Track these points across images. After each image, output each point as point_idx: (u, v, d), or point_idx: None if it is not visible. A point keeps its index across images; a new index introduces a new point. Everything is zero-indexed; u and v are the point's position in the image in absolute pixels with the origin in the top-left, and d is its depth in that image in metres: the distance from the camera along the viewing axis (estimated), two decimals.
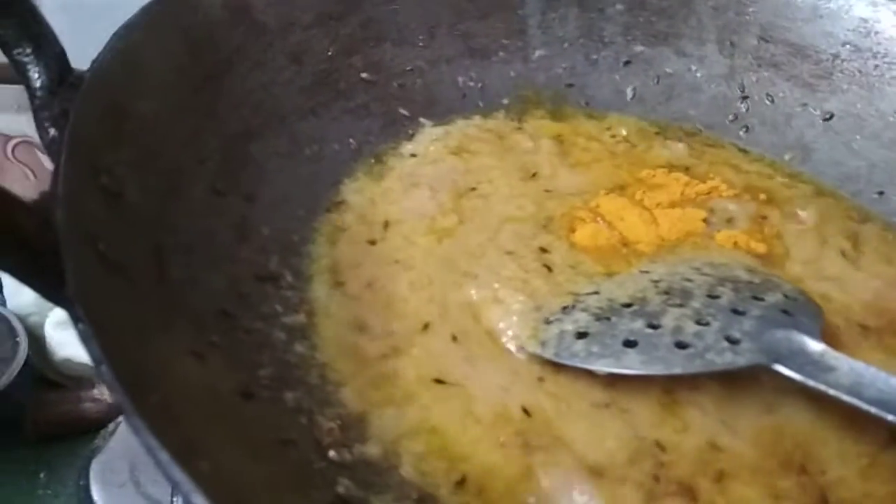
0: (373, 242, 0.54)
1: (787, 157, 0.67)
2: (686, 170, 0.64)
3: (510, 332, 0.49)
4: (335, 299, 0.50)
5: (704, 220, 0.59)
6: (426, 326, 0.49)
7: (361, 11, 0.64)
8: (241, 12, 0.56)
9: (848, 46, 0.67)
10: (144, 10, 0.50)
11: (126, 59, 0.47)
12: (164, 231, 0.43)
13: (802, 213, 0.61)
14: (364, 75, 0.64)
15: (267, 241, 0.50)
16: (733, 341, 0.45)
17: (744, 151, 0.68)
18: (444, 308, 0.51)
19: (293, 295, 0.49)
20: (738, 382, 0.46)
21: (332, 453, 0.40)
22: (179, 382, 0.35)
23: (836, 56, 0.68)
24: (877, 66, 0.66)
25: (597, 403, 0.45)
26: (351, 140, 0.61)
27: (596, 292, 0.51)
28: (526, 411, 0.45)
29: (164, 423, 0.29)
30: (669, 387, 0.46)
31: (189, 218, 0.46)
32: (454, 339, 0.49)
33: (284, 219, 0.53)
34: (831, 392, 0.42)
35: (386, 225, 0.56)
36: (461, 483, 0.42)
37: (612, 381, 0.46)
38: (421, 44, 0.67)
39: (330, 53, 0.62)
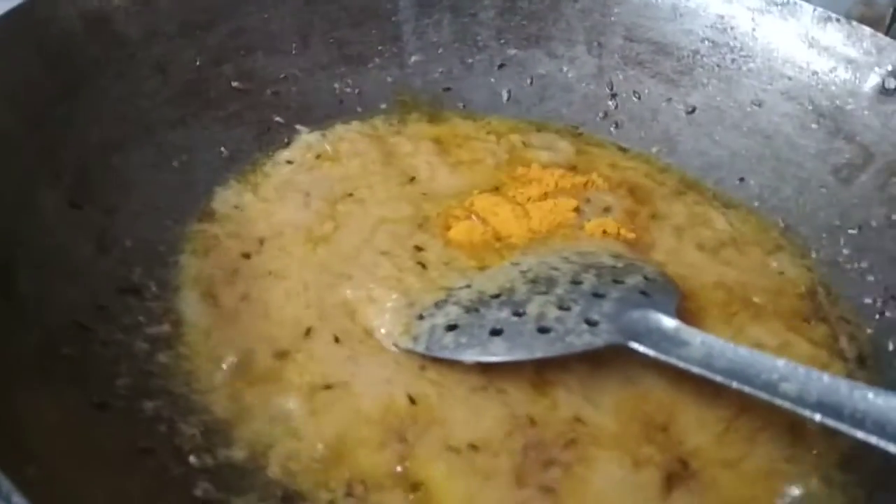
0: (247, 256, 0.54)
1: (654, 150, 0.70)
2: (569, 168, 0.66)
3: (384, 330, 0.50)
4: (207, 313, 0.50)
5: (576, 210, 0.61)
6: (308, 331, 0.49)
7: (230, 20, 0.64)
8: (99, 23, 0.55)
9: (707, 42, 0.71)
10: None
11: None
12: (12, 246, 0.42)
13: (668, 207, 0.63)
14: (235, 84, 0.63)
15: (130, 253, 0.49)
16: (592, 323, 0.47)
17: (623, 150, 0.70)
18: (322, 311, 0.51)
19: (157, 306, 0.48)
20: (601, 361, 0.48)
21: (192, 458, 0.40)
22: (20, 393, 0.34)
23: (696, 52, 0.71)
24: (734, 59, 0.70)
25: (475, 387, 0.47)
26: (223, 149, 0.60)
27: (468, 286, 0.52)
28: (412, 399, 0.46)
29: None
30: (540, 368, 0.48)
31: (42, 232, 0.45)
32: (336, 340, 0.49)
33: (150, 230, 0.52)
34: (683, 365, 0.44)
35: (261, 241, 0.55)
36: (333, 479, 0.42)
37: (489, 365, 0.47)
38: (294, 52, 0.67)
39: (198, 63, 0.61)
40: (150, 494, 0.36)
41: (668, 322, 0.47)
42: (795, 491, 0.45)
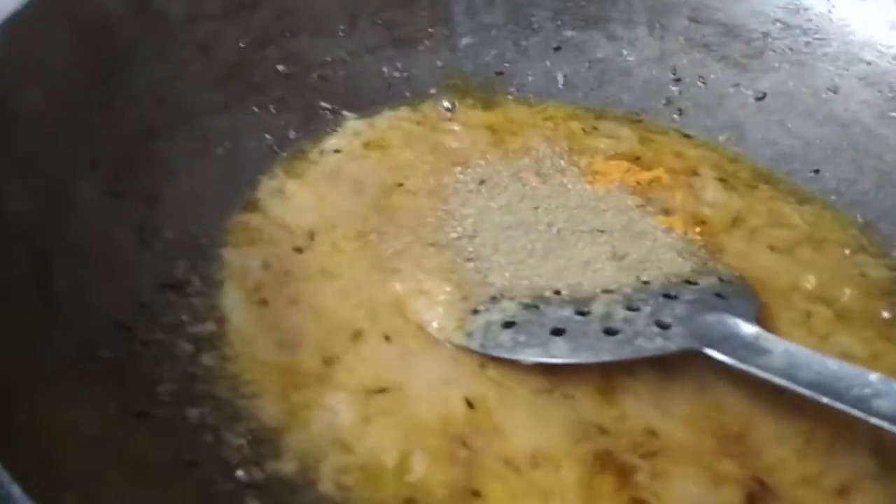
0: (299, 251, 0.51)
1: (721, 138, 0.66)
2: (634, 159, 0.62)
3: (436, 324, 0.47)
4: (252, 312, 0.47)
5: (640, 207, 0.57)
6: (357, 334, 0.46)
7: (275, 1, 0.61)
8: (139, 2, 0.53)
9: (778, 24, 0.66)
10: (33, 1, 0.46)
11: (10, 54, 0.44)
12: (49, 237, 0.40)
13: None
14: (280, 68, 0.60)
15: (172, 246, 0.47)
16: (664, 326, 0.44)
17: (687, 137, 0.66)
18: (372, 310, 0.48)
19: (201, 303, 0.45)
20: (672, 367, 0.45)
21: (239, 472, 0.37)
22: (56, 402, 0.32)
23: (766, 34, 0.67)
24: (807, 42, 0.65)
25: (539, 390, 0.44)
26: (267, 136, 0.57)
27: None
28: (469, 403, 0.43)
29: (26, 448, 0.26)
30: (607, 372, 0.45)
31: (79, 223, 0.42)
32: (387, 338, 0.46)
33: (192, 221, 0.49)
34: (764, 375, 0.41)
35: (312, 234, 0.52)
36: (388, 495, 0.39)
37: (552, 367, 0.44)
38: (341, 34, 0.64)
39: (242, 45, 0.59)
40: None
41: (747, 328, 0.44)
42: None
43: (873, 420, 0.38)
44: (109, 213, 0.45)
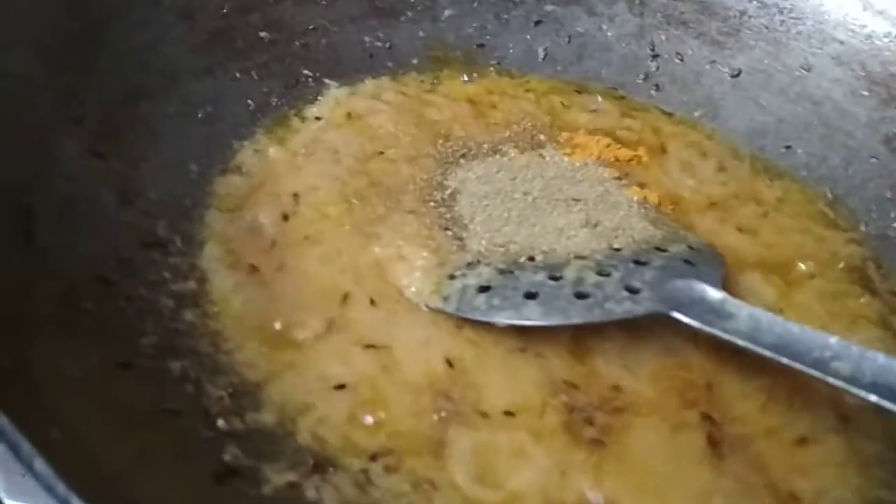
0: (285, 217, 0.52)
1: (696, 114, 0.67)
2: (611, 134, 0.63)
3: (413, 289, 0.48)
4: (235, 274, 0.48)
5: (616, 179, 0.58)
6: (345, 297, 0.47)
7: None
8: None
9: (755, 2, 0.68)
10: None
11: None
12: (32, 193, 0.40)
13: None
14: (263, 34, 0.61)
15: (154, 206, 0.48)
16: (633, 291, 0.46)
17: (667, 114, 0.67)
18: (357, 275, 0.49)
19: (183, 261, 0.46)
20: (641, 330, 0.47)
21: (220, 422, 0.38)
22: (41, 348, 0.33)
23: (743, 12, 0.68)
24: (783, 21, 0.67)
25: (512, 349, 0.46)
26: (250, 101, 0.58)
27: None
28: (449, 363, 0.44)
29: (13, 386, 0.27)
30: (578, 335, 0.46)
31: (63, 180, 0.43)
32: (373, 302, 0.47)
33: (175, 182, 0.50)
34: (728, 338, 0.43)
35: (296, 198, 0.53)
36: (365, 446, 0.40)
37: (526, 329, 0.46)
38: (324, 2, 0.65)
39: (225, 11, 0.59)
40: (179, 457, 0.34)
41: (714, 293, 0.45)
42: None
43: (830, 380, 0.40)
44: (92, 172, 0.45)
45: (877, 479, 0.43)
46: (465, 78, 0.67)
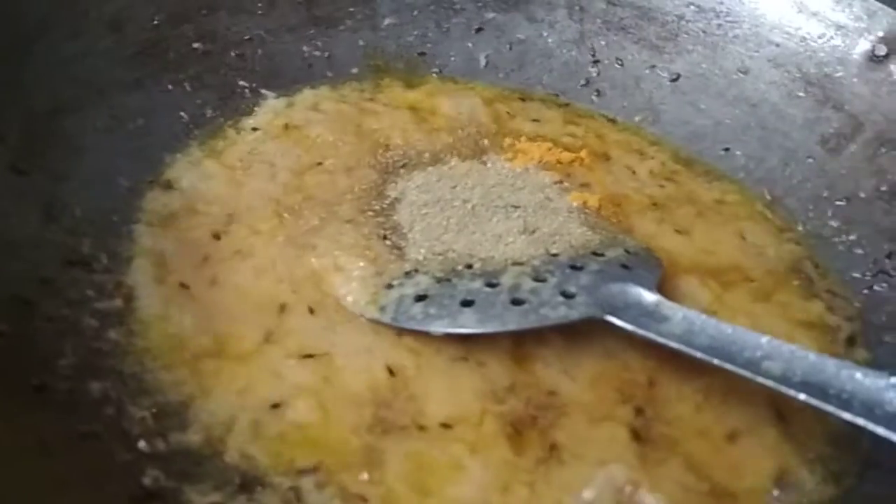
0: (217, 237, 0.50)
1: (637, 118, 0.67)
2: (555, 141, 0.63)
3: (350, 298, 0.47)
4: (172, 297, 0.46)
5: (558, 183, 0.58)
6: (282, 307, 0.47)
7: None
8: None
9: (692, 7, 0.68)
10: None
11: None
12: None
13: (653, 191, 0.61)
14: (196, 45, 0.60)
15: (79, 223, 0.46)
16: (569, 296, 0.45)
17: (612, 121, 0.67)
18: (294, 285, 0.48)
19: (108, 279, 0.45)
20: (580, 335, 0.46)
21: (141, 443, 0.37)
22: None
23: (680, 17, 0.68)
24: (720, 25, 0.67)
25: (454, 357, 0.45)
26: (183, 114, 0.57)
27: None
28: (391, 371, 0.44)
29: None
30: (519, 341, 0.46)
31: None
32: (311, 311, 0.47)
33: (102, 198, 0.49)
34: (662, 340, 0.43)
35: (230, 218, 0.52)
36: (296, 463, 0.39)
37: (466, 336, 0.45)
38: (260, 12, 0.64)
39: (156, 22, 0.58)
40: (91, 483, 0.33)
41: (649, 296, 0.45)
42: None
43: (761, 380, 0.40)
44: (13, 188, 0.44)
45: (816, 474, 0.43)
46: (406, 86, 0.67)
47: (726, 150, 0.64)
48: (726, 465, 0.43)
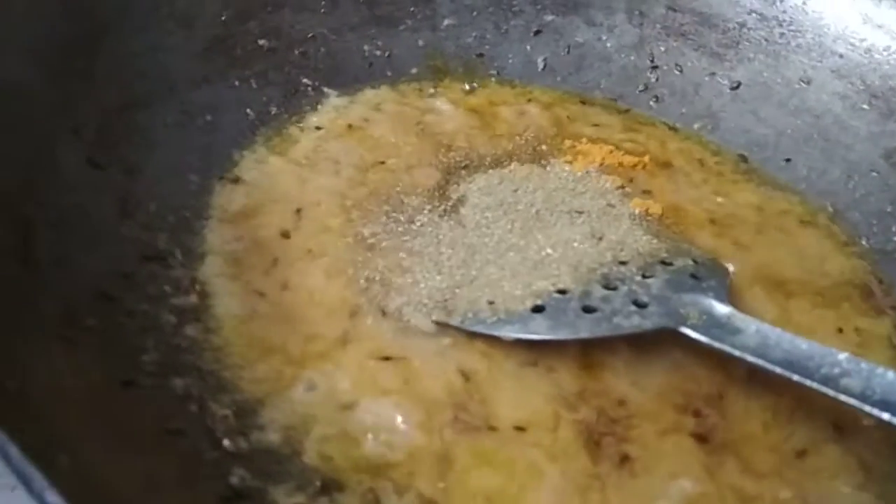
0: (286, 235, 0.50)
1: (696, 126, 0.67)
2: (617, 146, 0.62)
3: (417, 301, 0.47)
4: (237, 288, 0.46)
5: (620, 188, 0.57)
6: (355, 311, 0.47)
7: None
8: None
9: (754, 15, 0.68)
10: None
11: None
12: (30, 205, 0.39)
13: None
14: (262, 42, 0.60)
15: (154, 218, 0.47)
16: (641, 305, 0.45)
17: (673, 129, 0.66)
18: (364, 288, 0.48)
19: (184, 275, 0.45)
20: (648, 345, 0.46)
21: (226, 442, 0.37)
22: (44, 369, 0.32)
23: (742, 25, 0.68)
24: (782, 34, 0.67)
25: (523, 363, 0.45)
26: (248, 111, 0.57)
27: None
28: (465, 375, 0.44)
29: (19, 412, 0.26)
30: (586, 349, 0.46)
31: (61, 192, 0.42)
32: (384, 314, 0.46)
33: (174, 193, 0.49)
34: (737, 353, 0.42)
35: (298, 213, 0.52)
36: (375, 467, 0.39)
37: (535, 341, 0.45)
38: (323, 10, 0.64)
39: (223, 18, 0.58)
40: (185, 480, 0.33)
41: (721, 308, 0.45)
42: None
43: (842, 398, 0.40)
44: (91, 183, 0.44)
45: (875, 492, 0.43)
46: (466, 87, 0.67)
47: (787, 160, 0.64)
48: (796, 479, 0.42)
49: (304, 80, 0.61)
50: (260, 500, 0.35)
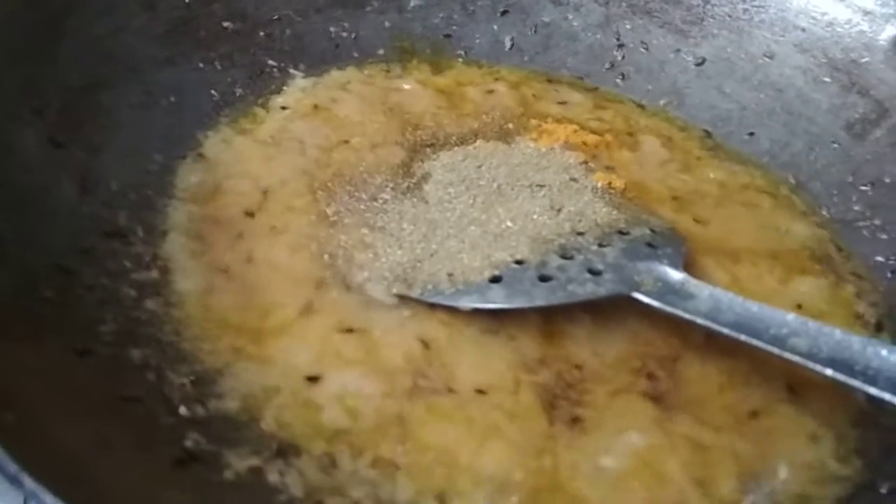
0: (250, 214, 0.51)
1: (662, 102, 0.68)
2: (582, 125, 0.63)
3: (378, 275, 0.48)
4: (198, 263, 0.47)
5: (583, 163, 0.58)
6: (319, 283, 0.47)
7: None
8: None
9: None
10: None
11: None
12: None
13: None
14: (226, 24, 0.61)
15: (115, 196, 0.47)
16: (596, 273, 0.46)
17: (640, 107, 0.67)
18: (328, 262, 0.49)
19: (145, 251, 0.46)
20: (607, 314, 0.47)
21: (182, 409, 0.38)
22: None
23: (706, 1, 0.69)
24: (746, 9, 0.67)
25: (484, 330, 0.46)
26: (213, 92, 0.58)
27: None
28: (425, 343, 0.44)
29: None
30: (548, 318, 0.47)
31: (21, 170, 0.43)
32: (347, 287, 0.47)
33: (137, 172, 0.50)
34: (688, 317, 0.43)
35: (264, 193, 0.52)
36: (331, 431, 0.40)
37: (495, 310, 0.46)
38: None
39: (187, 1, 0.59)
40: (138, 443, 0.34)
41: (675, 274, 0.46)
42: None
43: (787, 356, 0.41)
44: (52, 161, 0.45)
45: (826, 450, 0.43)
46: (433, 69, 0.67)
47: (751, 134, 0.65)
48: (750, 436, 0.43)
49: (270, 62, 0.62)
50: (213, 463, 0.36)
